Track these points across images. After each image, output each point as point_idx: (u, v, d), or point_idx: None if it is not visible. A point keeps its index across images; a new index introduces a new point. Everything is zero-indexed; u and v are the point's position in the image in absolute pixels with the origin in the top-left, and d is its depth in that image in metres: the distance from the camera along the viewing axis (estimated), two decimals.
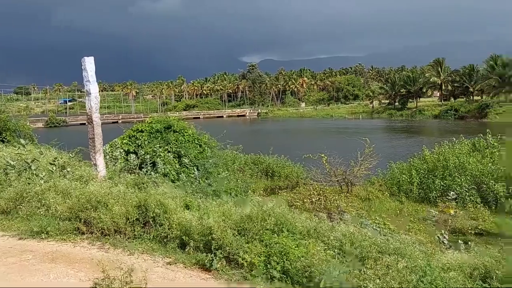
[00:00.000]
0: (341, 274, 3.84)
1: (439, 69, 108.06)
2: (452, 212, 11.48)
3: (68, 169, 9.48)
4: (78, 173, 9.09)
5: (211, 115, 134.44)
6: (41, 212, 7.54)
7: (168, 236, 6.11)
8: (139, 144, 13.68)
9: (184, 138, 14.37)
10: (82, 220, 6.83)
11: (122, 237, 6.48)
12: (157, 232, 6.30)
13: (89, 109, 9.30)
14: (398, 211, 16.94)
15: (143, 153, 12.88)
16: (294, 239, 5.41)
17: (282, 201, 15.41)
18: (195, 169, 13.38)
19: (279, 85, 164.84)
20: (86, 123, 9.48)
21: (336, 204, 17.09)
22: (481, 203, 16.06)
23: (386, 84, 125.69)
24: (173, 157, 13.48)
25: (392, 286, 4.20)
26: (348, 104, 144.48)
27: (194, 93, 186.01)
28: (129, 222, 6.49)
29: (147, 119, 15.34)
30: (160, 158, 12.91)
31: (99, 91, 9.82)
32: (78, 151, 12.38)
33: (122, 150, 12.95)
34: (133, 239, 6.47)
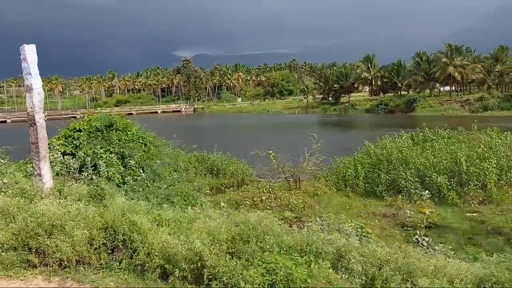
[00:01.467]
0: None
1: (369, 65, 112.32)
2: (427, 212, 11.39)
3: (5, 180, 7.61)
4: (19, 185, 7.23)
5: (145, 111, 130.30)
6: None
7: (146, 264, 4.89)
8: (77, 145, 12.40)
9: (127, 137, 13.23)
10: (33, 250, 5.28)
11: (86, 268, 5.14)
12: (129, 259, 5.08)
13: (31, 107, 7.58)
14: (347, 206, 16.88)
15: (83, 154, 11.65)
16: (291, 258, 4.58)
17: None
18: (141, 171, 12.36)
19: (214, 80, 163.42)
20: (28, 125, 7.73)
21: (286, 202, 16.69)
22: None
23: (320, 80, 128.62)
24: (117, 159, 12.36)
25: None
26: (283, 99, 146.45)
27: (126, 88, 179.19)
28: (94, 249, 5.19)
29: (86, 116, 13.86)
30: (102, 160, 11.74)
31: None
32: (4, 150, 10.68)
33: (59, 152, 11.58)
34: (99, 270, 5.16)
